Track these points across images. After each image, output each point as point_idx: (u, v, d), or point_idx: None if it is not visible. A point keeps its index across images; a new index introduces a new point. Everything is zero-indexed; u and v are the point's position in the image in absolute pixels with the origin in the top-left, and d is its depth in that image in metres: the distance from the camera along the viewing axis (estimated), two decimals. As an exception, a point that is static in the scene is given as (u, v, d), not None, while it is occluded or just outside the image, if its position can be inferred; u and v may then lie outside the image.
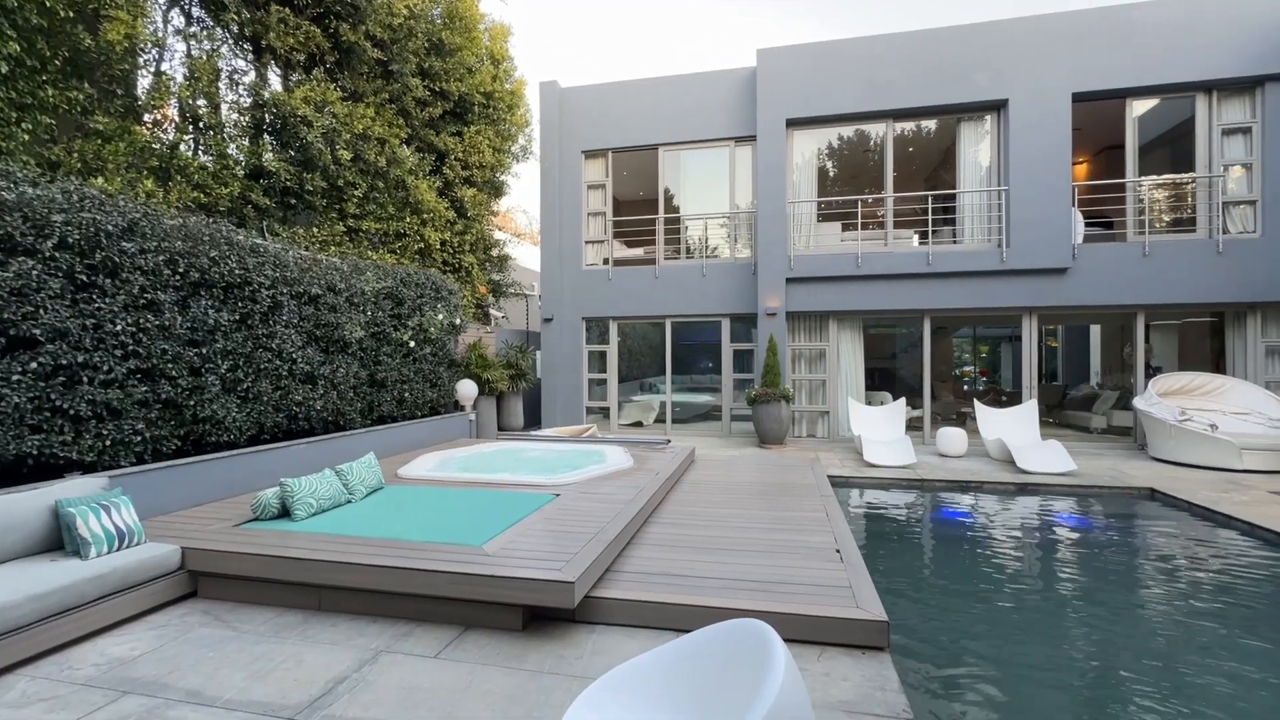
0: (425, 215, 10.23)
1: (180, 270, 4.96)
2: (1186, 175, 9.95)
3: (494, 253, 12.81)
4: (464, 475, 5.92)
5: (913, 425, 10.92)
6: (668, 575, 3.75)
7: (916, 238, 11.09)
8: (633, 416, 12.82)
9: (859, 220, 10.80)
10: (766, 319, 10.74)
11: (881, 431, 9.31)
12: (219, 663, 3.00)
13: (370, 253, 9.39)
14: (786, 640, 3.13)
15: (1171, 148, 11.11)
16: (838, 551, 4.12)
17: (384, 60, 9.72)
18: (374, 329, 7.48)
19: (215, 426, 5.32)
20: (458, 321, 9.15)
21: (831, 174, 13.82)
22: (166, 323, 4.83)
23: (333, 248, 8.82)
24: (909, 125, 11.26)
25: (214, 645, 3.18)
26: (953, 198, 10.86)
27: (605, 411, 12.45)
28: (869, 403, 11.09)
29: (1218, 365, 10.33)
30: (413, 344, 8.11)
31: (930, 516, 6.70)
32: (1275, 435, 7.81)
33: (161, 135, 7.77)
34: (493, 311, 12.75)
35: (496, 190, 12.62)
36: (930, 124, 11.16)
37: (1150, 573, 5.08)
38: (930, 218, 10.67)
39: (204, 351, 5.17)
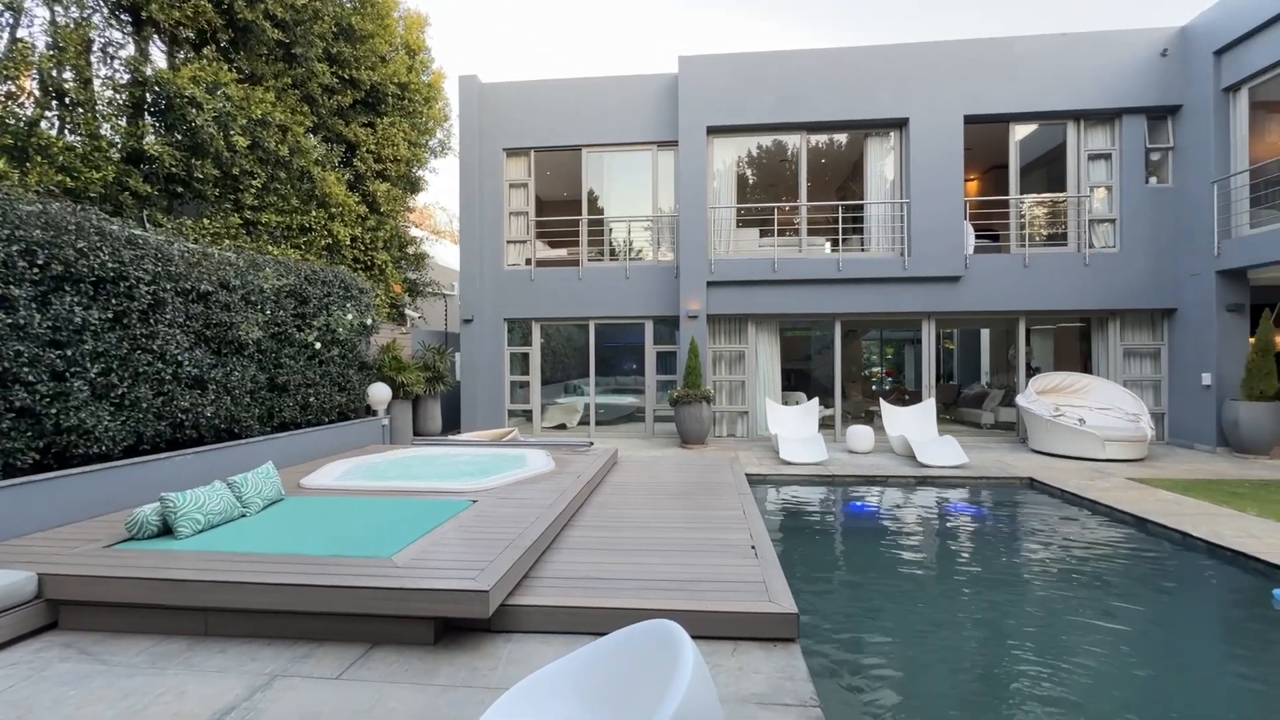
0: (334, 209, 9.67)
1: (39, 262, 4.42)
2: (1059, 195, 11.04)
3: (410, 250, 12.30)
4: (374, 484, 5.64)
5: (825, 424, 11.45)
6: (587, 579, 3.73)
7: (829, 245, 11.66)
8: (556, 419, 12.69)
9: (776, 227, 11.21)
10: (688, 321, 10.94)
11: (796, 430, 9.70)
12: (82, 701, 2.69)
13: (271, 247, 8.76)
14: (703, 637, 3.21)
15: (1048, 169, 12.29)
16: (753, 548, 4.25)
17: (286, 42, 9.09)
18: (275, 329, 6.98)
19: (83, 437, 4.78)
20: (369, 322, 8.70)
21: (751, 181, 14.27)
22: (21, 321, 4.29)
23: (227, 241, 8.15)
24: (822, 138, 11.83)
25: (77, 682, 2.84)
26: (861, 208, 11.50)
27: (528, 414, 12.25)
28: (785, 403, 11.53)
29: (1086, 366, 11.52)
30: (319, 345, 7.63)
31: (841, 510, 7.05)
32: (1132, 428, 8.80)
33: (16, 109, 6.89)
34: (408, 312, 12.23)
35: (413, 186, 12.13)
36: (841, 138, 11.77)
37: (1030, 552, 5.58)
38: (841, 226, 11.24)
39: (69, 354, 4.63)
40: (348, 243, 10.06)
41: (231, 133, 8.00)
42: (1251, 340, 9.09)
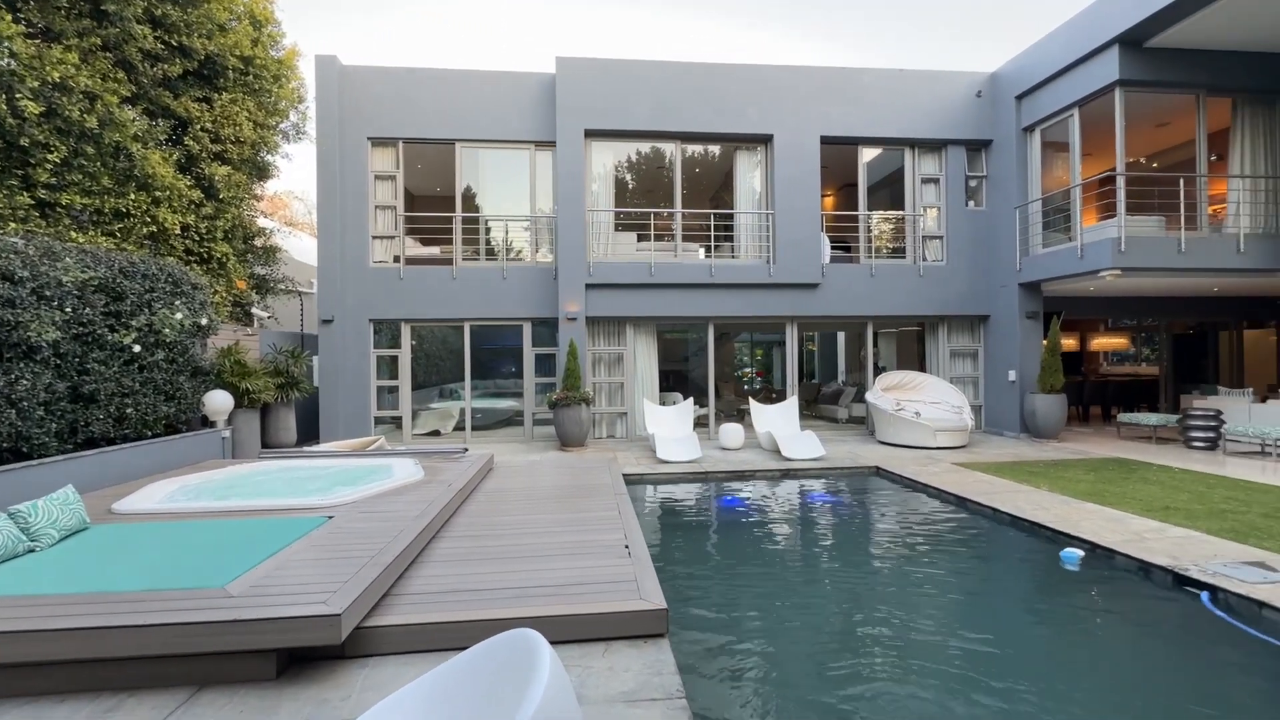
0: (159, 192, 8.45)
1: None
2: (898, 212, 12.38)
3: (258, 243, 11.08)
4: (207, 504, 4.99)
5: (700, 423, 11.92)
6: (456, 592, 3.57)
7: (702, 251, 12.15)
8: (430, 425, 12.06)
9: (653, 232, 11.50)
10: (567, 323, 10.89)
11: (672, 430, 10.00)
12: None
13: (76, 234, 7.48)
14: (576, 641, 3.19)
15: (890, 189, 13.73)
16: (626, 548, 4.30)
17: (95, -5, 7.82)
18: (79, 330, 5.96)
19: None
20: (204, 322, 7.72)
21: (630, 186, 14.53)
22: None
23: (13, 225, 6.84)
24: (697, 148, 12.32)
25: None
26: (732, 217, 12.12)
27: (398, 421, 11.52)
28: (663, 403, 11.84)
29: (921, 365, 12.99)
30: (138, 349, 6.64)
31: (713, 505, 7.35)
32: (957, 419, 10.06)
33: None
34: (256, 311, 11.00)
35: (260, 171, 10.93)
36: (715, 149, 12.34)
37: (876, 532, 6.19)
38: (713, 234, 11.78)
39: None
40: (178, 231, 8.85)
41: (18, 96, 6.73)
42: (1044, 343, 10.77)
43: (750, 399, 11.26)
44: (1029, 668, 3.49)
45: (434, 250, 12.07)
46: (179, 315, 7.20)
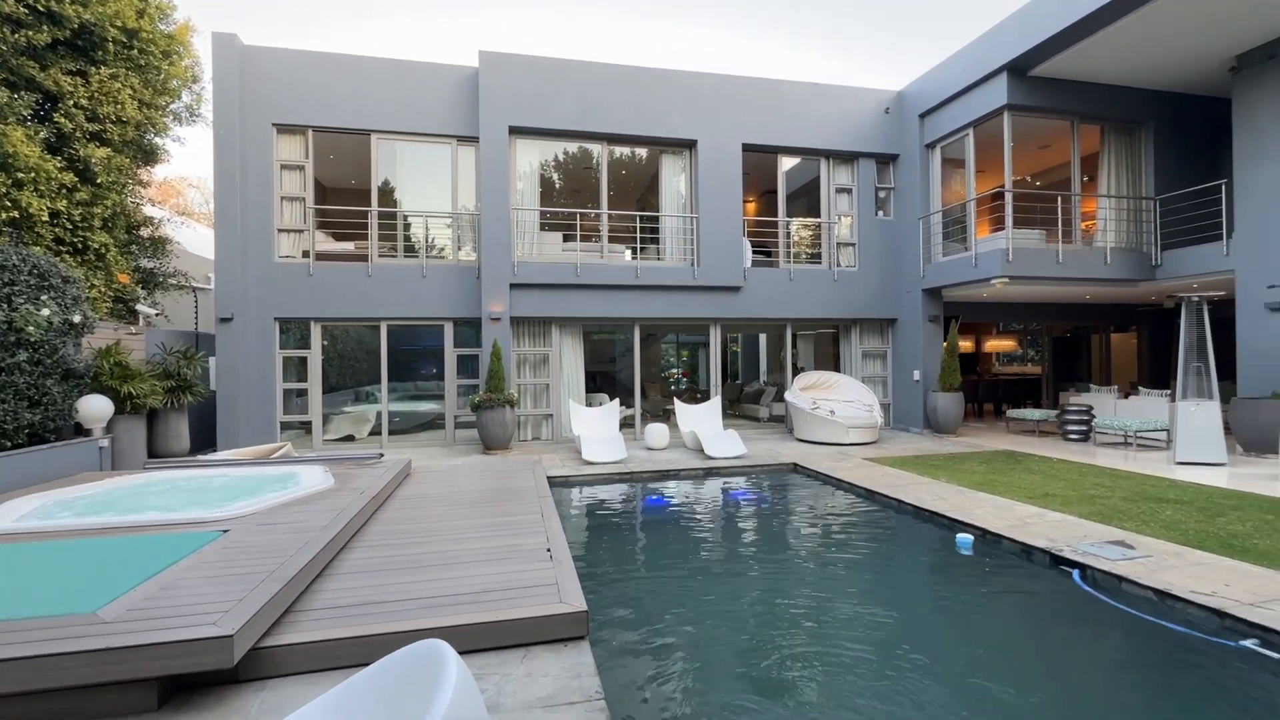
0: (21, 173, 7.55)
1: None
2: (815, 220, 12.96)
3: (144, 233, 10.13)
4: (78, 522, 4.50)
5: (627, 423, 11.98)
6: (367, 605, 3.39)
7: (629, 253, 12.22)
8: (343, 430, 11.45)
9: (579, 232, 11.44)
10: (491, 324, 10.65)
11: (598, 431, 9.99)
12: None
13: (-86, 217, 6.55)
14: (494, 648, 3.12)
15: (808, 198, 14.34)
16: (548, 551, 4.26)
17: (-59, -52, 6.89)
18: (-83, 327, 5.22)
19: None
20: (77, 319, 6.95)
21: (557, 185, 14.39)
22: None
23: None
24: (624, 150, 12.37)
25: None
26: (658, 219, 12.27)
27: (307, 426, 10.86)
28: (589, 404, 11.81)
29: (836, 365, 13.64)
30: (-5, 348, 5.90)
31: (638, 505, 7.41)
32: (868, 417, 10.63)
33: None
34: (141, 308, 10.03)
35: (147, 155, 10.01)
36: (642, 152, 12.43)
37: (794, 525, 6.45)
38: (639, 235, 11.87)
39: None
40: (45, 218, 7.94)
41: None
42: (944, 344, 11.59)
43: (675, 399, 11.43)
44: (929, 641, 3.74)
45: (348, 246, 11.48)
46: (45, 311, 6.46)
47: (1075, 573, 4.53)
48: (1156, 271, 10.71)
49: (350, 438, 11.35)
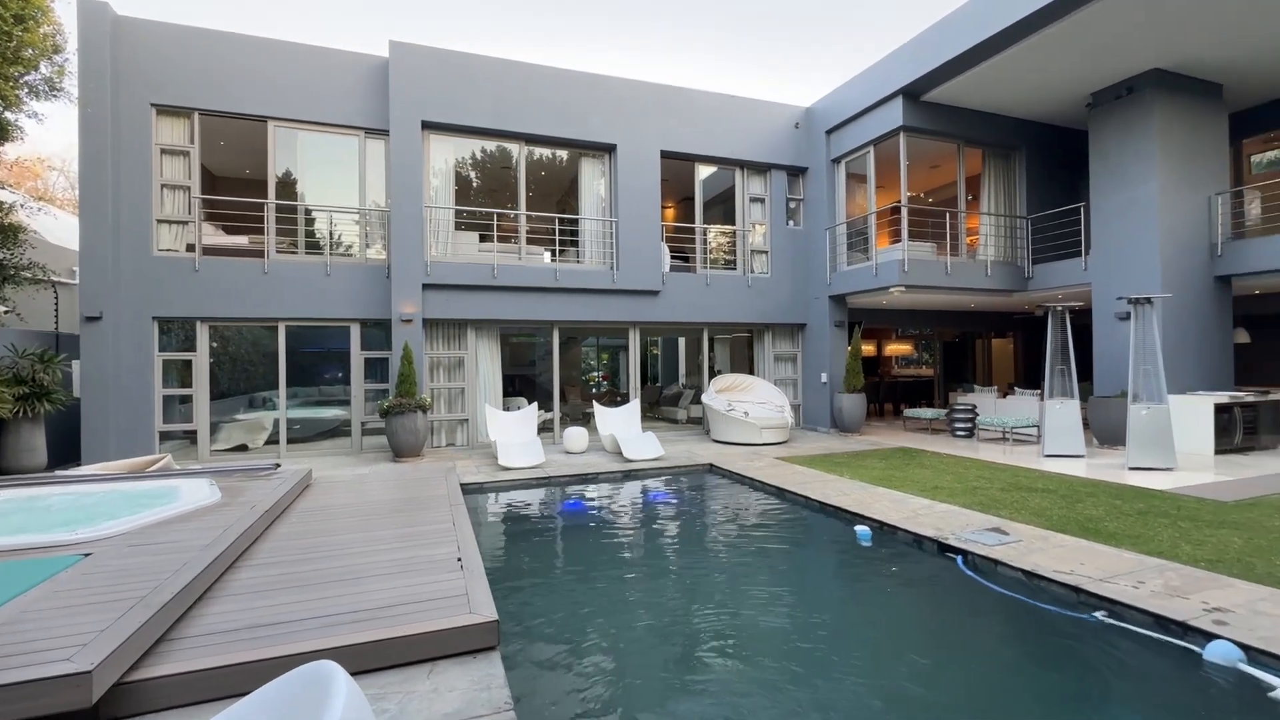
0: None
1: None
2: (730, 227, 13.38)
3: (-10, 219, 8.90)
4: (-99, 551, 3.90)
5: (546, 427, 11.84)
6: (255, 628, 3.15)
7: (547, 255, 12.10)
8: (235, 439, 10.57)
9: (496, 233, 11.19)
10: (402, 325, 10.20)
11: (516, 435, 9.81)
12: None
13: None
14: (397, 665, 2.99)
15: (724, 205, 14.78)
16: (459, 560, 4.13)
17: None
18: None
19: None
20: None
21: (474, 184, 14.02)
22: None
23: None
24: (544, 152, 12.24)
25: None
26: (577, 222, 12.23)
27: (192, 436, 9.95)
28: (506, 408, 11.58)
29: (751, 368, 14.14)
30: None
31: (556, 509, 7.33)
32: (780, 417, 11.08)
33: None
34: (-13, 304, 8.82)
35: (-5, 131, 8.82)
36: (562, 154, 12.34)
37: (709, 524, 6.61)
38: (558, 238, 11.78)
39: None
40: None
41: None
42: (848, 348, 12.29)
43: (595, 402, 11.42)
44: (834, 625, 3.95)
45: (241, 240, 10.63)
46: None
47: (959, 558, 4.93)
48: (1028, 283, 11.88)
49: (243, 448, 10.50)
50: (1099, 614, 3.86)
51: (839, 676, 3.37)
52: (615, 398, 15.28)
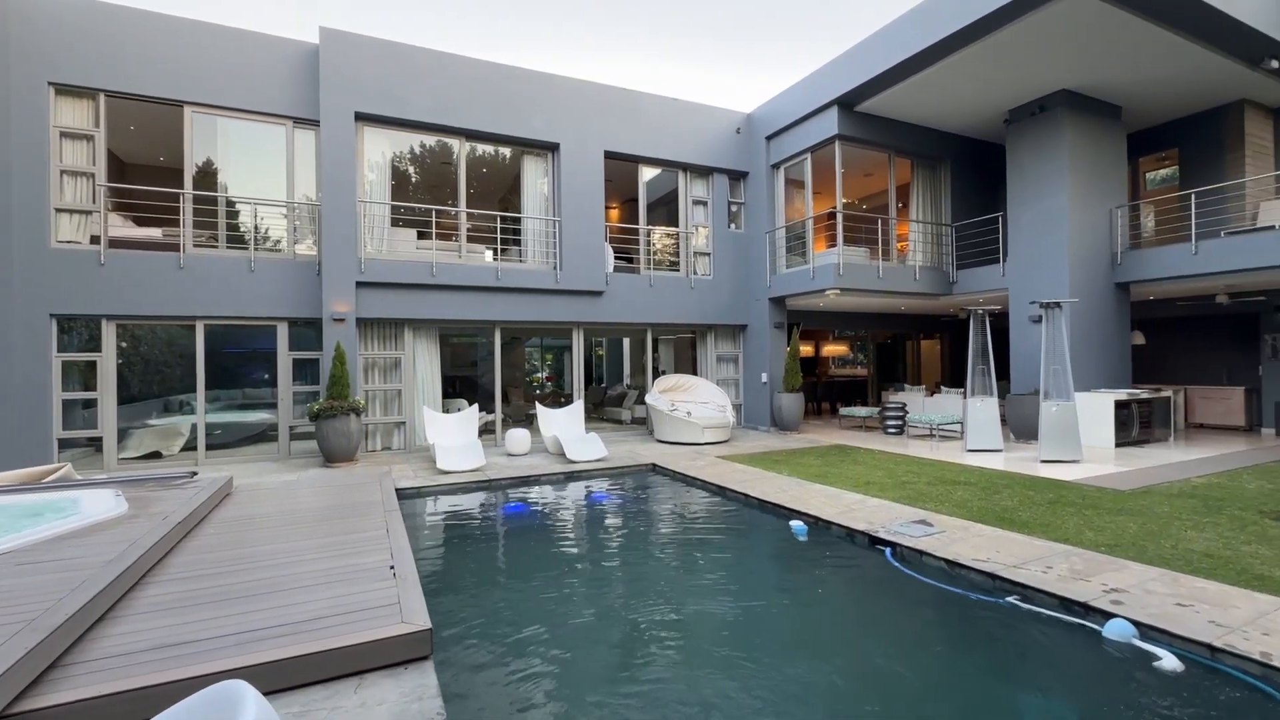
0: None
1: None
2: (673, 229, 13.51)
3: None
4: None
5: (487, 429, 11.61)
6: (163, 648, 2.94)
7: (489, 254, 11.87)
8: (147, 446, 9.84)
9: (435, 230, 10.89)
10: (334, 324, 9.77)
11: (456, 438, 9.57)
12: None
13: None
14: (322, 681, 2.86)
15: (668, 207, 14.92)
16: (391, 569, 3.99)
17: None
18: None
19: None
20: None
21: (413, 180, 13.60)
22: None
23: None
24: (486, 149, 12.00)
25: None
26: (519, 221, 12.05)
27: (97, 443, 9.20)
28: (446, 410, 11.28)
29: (694, 368, 14.32)
30: None
31: (497, 513, 7.20)
32: (722, 417, 11.27)
33: None
34: None
35: None
36: (505, 151, 12.12)
37: (653, 523, 6.65)
38: (500, 236, 11.57)
39: None
40: None
41: None
42: (787, 349, 12.64)
43: (538, 403, 11.29)
44: (771, 614, 4.05)
45: (154, 233, 9.91)
46: None
47: (888, 550, 5.15)
48: (953, 287, 12.56)
49: (157, 455, 9.80)
50: (1012, 598, 4.12)
51: (775, 665, 3.46)
52: (559, 399, 15.17)
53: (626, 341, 18.92)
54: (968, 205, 13.02)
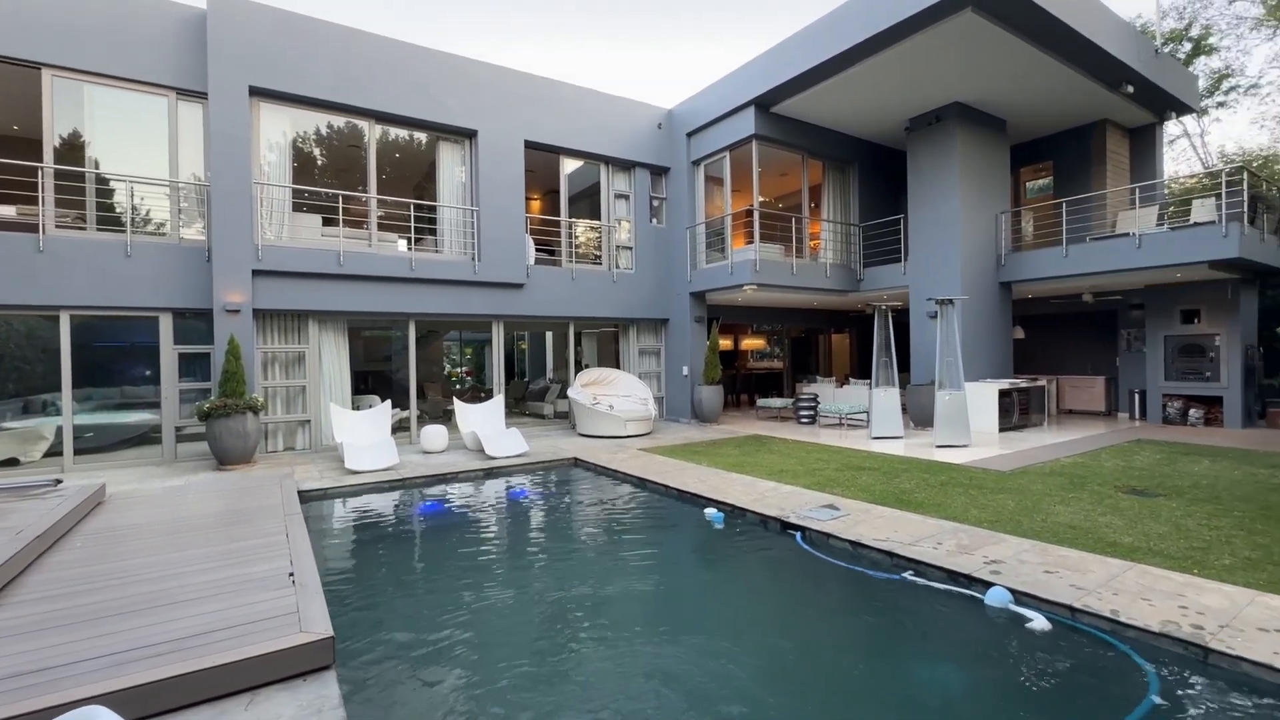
0: None
1: None
2: (596, 222, 13.47)
3: None
4: None
5: (402, 427, 11.14)
6: (14, 677, 2.63)
7: (403, 243, 11.35)
8: (3, 452, 8.71)
9: (341, 217, 10.27)
10: (227, 316, 9.03)
11: (366, 436, 9.12)
12: None
13: None
14: (207, 700, 2.65)
15: (590, 200, 14.84)
16: (290, 576, 3.76)
17: None
18: None
19: None
20: None
21: (319, 163, 12.77)
22: None
23: None
24: (401, 134, 11.43)
25: None
26: (435, 209, 11.59)
27: (-66, 450, 8.03)
28: (357, 407, 10.72)
29: (617, 362, 14.36)
30: None
31: (412, 512, 6.92)
32: (644, 410, 11.38)
33: None
34: None
35: None
36: (421, 136, 11.59)
37: (573, 517, 6.62)
38: (414, 225, 11.08)
39: None
40: None
41: None
42: (708, 343, 12.93)
43: (456, 399, 10.94)
44: (690, 599, 4.14)
45: (7, 211, 8.74)
46: None
47: (798, 535, 5.39)
48: (860, 284, 13.29)
49: (13, 461, 8.70)
50: (908, 573, 4.43)
51: (692, 644, 3.54)
52: (479, 394, 14.79)
53: (549, 335, 18.69)
54: (874, 207, 13.81)
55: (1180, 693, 2.94)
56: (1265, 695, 2.86)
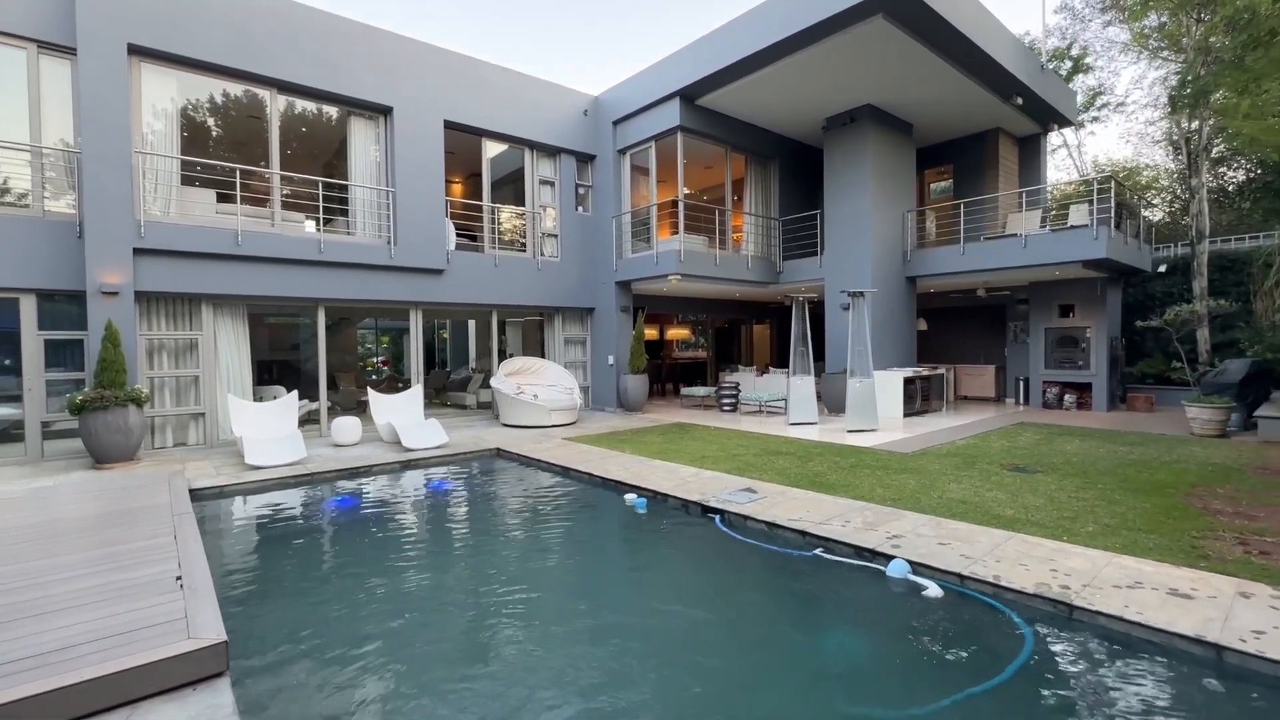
0: None
1: None
2: (520, 208, 13.18)
3: None
4: None
5: (311, 419, 10.52)
6: None
7: (311, 224, 10.64)
8: None
9: (239, 193, 9.48)
10: (103, 299, 8.15)
11: (269, 429, 8.53)
12: None
13: None
14: (85, 716, 2.41)
15: (514, 186, 14.49)
16: (178, 580, 3.47)
17: None
18: None
19: None
20: None
21: (213, 134, 11.75)
22: None
23: None
24: (308, 105, 10.66)
25: None
26: (347, 189, 10.94)
27: None
28: (260, 399, 10.01)
29: (542, 351, 14.17)
30: None
31: (320, 509, 6.56)
32: (569, 399, 11.30)
33: None
34: None
35: None
36: (331, 110, 10.85)
37: (495, 508, 6.49)
38: (323, 205, 10.43)
39: None
40: None
41: None
42: (633, 332, 13.00)
43: (371, 390, 10.44)
44: (612, 582, 4.16)
45: None
46: None
47: (717, 518, 5.55)
48: (780, 276, 13.77)
49: None
50: (818, 550, 4.66)
51: (612, 621, 3.57)
52: (396, 384, 14.18)
53: (472, 324, 18.17)
54: (794, 202, 14.31)
55: (1051, 645, 3.28)
56: (1116, 643, 3.24)
